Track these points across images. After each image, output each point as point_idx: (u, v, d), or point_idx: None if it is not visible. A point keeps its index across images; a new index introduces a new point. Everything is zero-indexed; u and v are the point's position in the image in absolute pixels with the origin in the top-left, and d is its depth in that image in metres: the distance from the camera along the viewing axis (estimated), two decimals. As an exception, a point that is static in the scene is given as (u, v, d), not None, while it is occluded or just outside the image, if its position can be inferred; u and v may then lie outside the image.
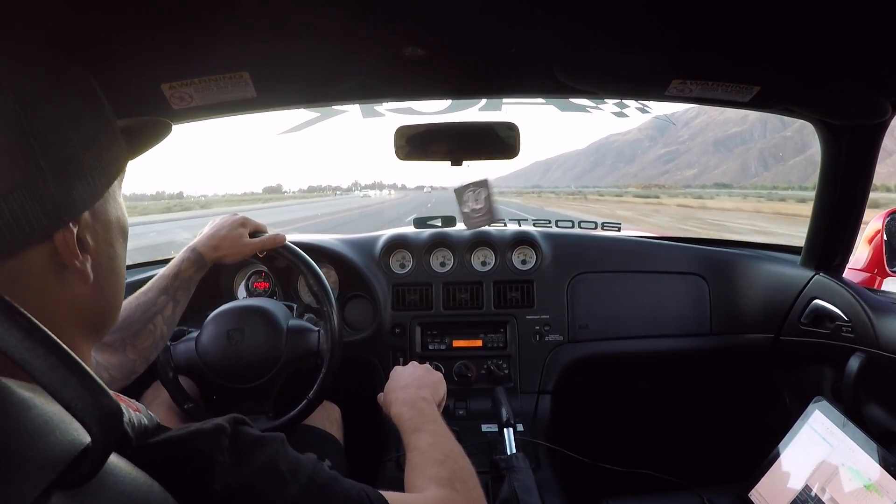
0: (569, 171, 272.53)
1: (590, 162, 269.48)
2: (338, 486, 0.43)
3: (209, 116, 0.94)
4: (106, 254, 0.40)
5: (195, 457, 0.37)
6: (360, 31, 0.70)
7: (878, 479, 0.76)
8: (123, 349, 0.73)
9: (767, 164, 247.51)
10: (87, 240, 0.37)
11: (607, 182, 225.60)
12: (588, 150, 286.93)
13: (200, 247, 0.84)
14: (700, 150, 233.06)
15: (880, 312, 0.95)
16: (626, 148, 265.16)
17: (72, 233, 0.35)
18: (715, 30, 0.70)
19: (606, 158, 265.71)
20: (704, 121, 42.28)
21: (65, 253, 0.35)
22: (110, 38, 0.62)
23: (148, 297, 0.78)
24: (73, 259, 0.36)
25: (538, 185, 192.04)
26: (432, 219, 1.45)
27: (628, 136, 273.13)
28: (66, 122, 0.35)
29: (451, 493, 0.53)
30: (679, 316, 1.29)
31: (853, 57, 0.75)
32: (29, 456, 0.26)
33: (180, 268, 0.81)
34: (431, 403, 0.71)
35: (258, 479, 0.38)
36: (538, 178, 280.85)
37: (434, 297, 1.29)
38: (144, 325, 0.76)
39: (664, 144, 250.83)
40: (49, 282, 0.35)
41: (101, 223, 0.39)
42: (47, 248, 0.34)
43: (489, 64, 0.85)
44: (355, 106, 1.20)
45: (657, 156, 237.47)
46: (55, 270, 0.35)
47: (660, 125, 50.89)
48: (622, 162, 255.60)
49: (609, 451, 1.08)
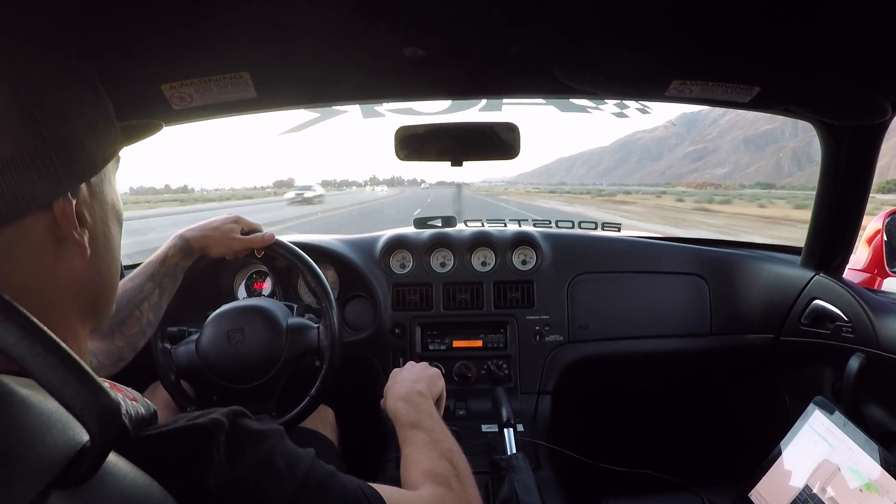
0: (593, 169, 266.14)
1: (615, 159, 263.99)
2: (334, 482, 0.43)
3: (209, 117, 0.94)
4: (102, 232, 0.40)
5: (190, 452, 0.36)
6: (360, 31, 0.70)
7: (878, 478, 0.76)
8: (111, 336, 0.73)
9: (801, 164, 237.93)
10: (85, 215, 0.37)
11: (633, 179, 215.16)
12: (613, 147, 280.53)
13: (188, 235, 0.85)
14: (730, 148, 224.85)
15: (880, 312, 0.95)
16: (653, 145, 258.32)
17: (70, 204, 0.35)
18: (715, 30, 0.70)
19: (632, 156, 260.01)
20: (733, 118, 40.90)
21: (63, 223, 0.35)
22: (110, 38, 0.62)
23: (135, 284, 0.78)
24: (72, 230, 0.36)
25: (563, 183, 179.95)
26: (432, 219, 1.45)
27: (654, 134, 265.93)
28: (70, 103, 0.36)
29: (446, 491, 0.53)
30: (679, 316, 1.29)
31: (853, 57, 0.75)
32: (27, 455, 0.26)
33: (167, 254, 0.82)
34: (427, 398, 0.71)
35: (254, 474, 0.38)
36: (562, 174, 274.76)
37: (434, 297, 1.29)
38: (131, 311, 0.76)
39: (692, 142, 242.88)
40: (47, 254, 0.35)
41: (98, 201, 0.39)
42: (46, 218, 0.35)
43: (489, 64, 0.85)
44: (355, 106, 1.20)
45: (685, 153, 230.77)
46: (53, 242, 0.36)
47: (687, 122, 48.69)
48: (648, 159, 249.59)
49: (609, 451, 1.08)
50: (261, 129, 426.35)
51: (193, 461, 0.36)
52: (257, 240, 0.91)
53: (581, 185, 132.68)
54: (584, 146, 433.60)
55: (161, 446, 0.36)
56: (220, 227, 0.88)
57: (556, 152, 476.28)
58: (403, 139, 1.11)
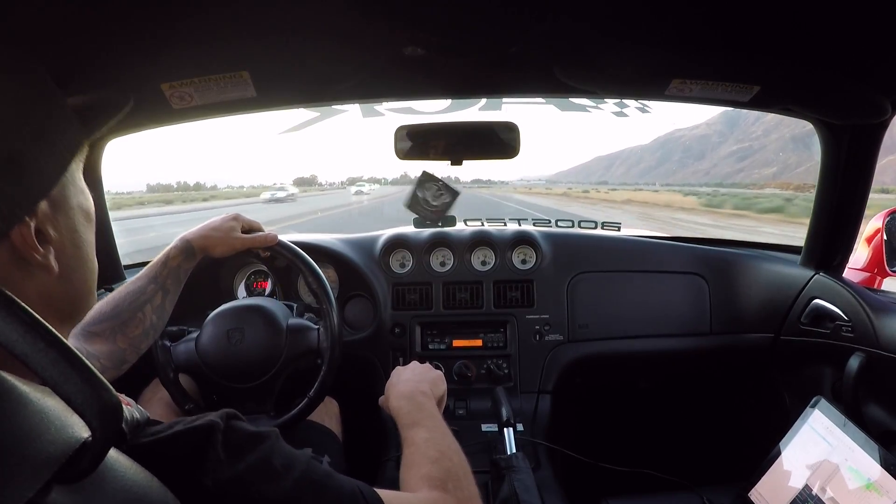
0: (633, 167, 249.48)
1: (655, 158, 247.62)
2: (331, 482, 0.43)
3: (209, 116, 0.94)
4: (70, 241, 0.38)
5: (187, 453, 0.36)
6: (360, 30, 0.70)
7: (878, 478, 0.76)
8: (113, 338, 0.73)
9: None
10: (49, 231, 0.36)
11: (676, 179, 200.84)
12: (653, 145, 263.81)
13: (190, 236, 0.85)
14: (777, 146, 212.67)
15: (880, 312, 0.95)
16: (694, 143, 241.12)
17: (28, 228, 0.34)
18: (715, 30, 0.70)
19: (673, 154, 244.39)
20: (777, 116, 39.82)
21: (23, 249, 0.34)
22: (110, 38, 0.62)
23: (137, 286, 0.78)
24: (34, 253, 0.35)
25: (605, 181, 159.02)
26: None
27: (696, 132, 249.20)
28: (13, 117, 0.33)
29: (443, 495, 0.53)
30: (679, 315, 1.29)
31: (853, 57, 0.75)
32: (29, 451, 0.26)
33: (169, 256, 0.82)
34: (430, 398, 0.71)
35: (250, 475, 0.38)
36: (600, 173, 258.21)
37: (434, 296, 1.29)
38: (134, 313, 0.76)
39: (735, 140, 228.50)
40: (13, 277, 0.34)
41: (62, 212, 0.37)
42: (6, 246, 0.33)
43: (489, 63, 0.85)
44: (355, 105, 1.20)
45: (729, 152, 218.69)
46: (18, 265, 0.34)
47: (729, 120, 45.39)
48: (690, 158, 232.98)
49: (609, 451, 1.08)
50: (261, 128, 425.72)
51: (191, 461, 0.36)
52: (259, 240, 0.91)
53: (633, 184, 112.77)
54: (622, 144, 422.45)
55: (158, 448, 0.36)
56: (220, 226, 0.88)
57: (594, 150, 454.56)
58: (403, 138, 1.11)
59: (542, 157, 31.42)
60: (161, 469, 0.33)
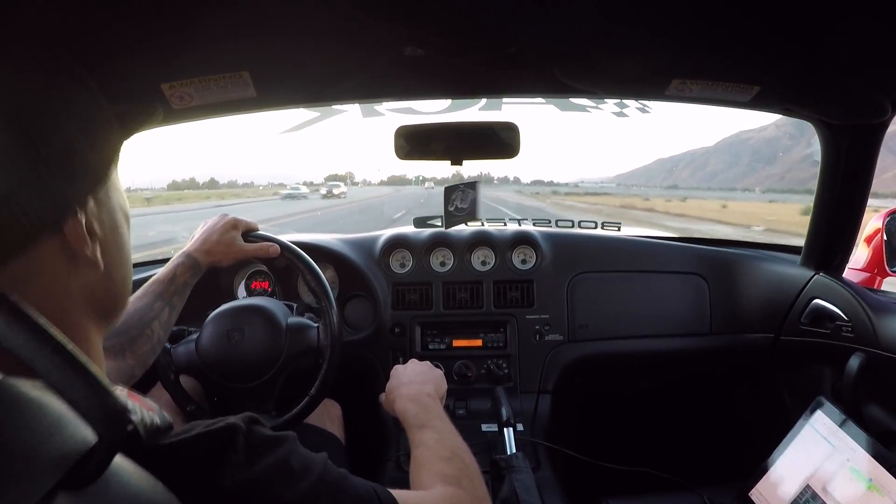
0: (699, 171, 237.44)
1: (722, 161, 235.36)
2: (347, 484, 0.44)
3: (209, 116, 0.94)
4: (113, 240, 0.40)
5: (208, 455, 0.37)
6: (360, 30, 0.70)
7: (879, 478, 0.76)
8: (123, 354, 0.73)
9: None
10: (95, 227, 0.37)
11: (746, 183, 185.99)
12: (718, 147, 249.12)
13: (195, 252, 0.85)
14: None
15: (880, 312, 0.95)
16: (764, 146, 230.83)
17: (80, 221, 0.35)
18: (715, 30, 0.70)
19: (742, 158, 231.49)
20: None
21: (75, 242, 0.35)
22: (110, 38, 0.62)
23: (144, 303, 0.78)
24: (84, 247, 0.36)
25: (675, 185, 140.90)
26: (432, 218, 1.45)
27: (764, 133, 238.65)
28: (64, 114, 0.35)
29: (458, 491, 0.53)
30: (679, 315, 1.29)
31: (853, 56, 0.75)
32: (35, 455, 0.26)
33: (175, 273, 0.82)
34: (435, 399, 0.71)
35: (269, 477, 0.39)
36: (663, 176, 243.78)
37: (434, 296, 1.29)
38: (142, 330, 0.76)
39: (808, 143, 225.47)
40: (61, 272, 0.35)
41: (105, 210, 0.39)
42: (58, 240, 0.35)
43: (489, 64, 0.85)
44: (355, 106, 1.20)
45: (803, 156, 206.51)
46: (66, 261, 0.35)
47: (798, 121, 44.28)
48: (760, 162, 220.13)
49: (609, 451, 1.08)
50: (260, 128, 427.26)
51: (211, 463, 0.37)
52: (262, 251, 0.93)
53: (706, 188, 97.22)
54: (685, 146, 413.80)
55: (179, 451, 0.36)
56: (220, 237, 0.88)
57: (656, 152, 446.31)
58: (403, 138, 1.11)
59: (604, 159, 30.32)
60: (180, 471, 0.33)
